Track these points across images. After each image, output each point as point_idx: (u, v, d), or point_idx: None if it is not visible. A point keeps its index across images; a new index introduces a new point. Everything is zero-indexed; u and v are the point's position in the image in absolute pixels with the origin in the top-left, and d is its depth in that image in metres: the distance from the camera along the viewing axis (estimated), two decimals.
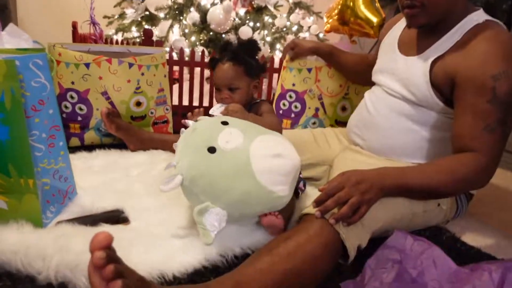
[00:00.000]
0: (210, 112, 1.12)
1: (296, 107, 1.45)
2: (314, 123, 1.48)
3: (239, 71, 1.12)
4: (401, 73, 1.03)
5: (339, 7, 2.11)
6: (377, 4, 2.09)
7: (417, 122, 1.01)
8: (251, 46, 1.15)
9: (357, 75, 1.38)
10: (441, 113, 0.98)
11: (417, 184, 0.85)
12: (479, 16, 0.94)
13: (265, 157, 0.81)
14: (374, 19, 2.03)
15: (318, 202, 0.77)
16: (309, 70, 1.41)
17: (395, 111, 1.04)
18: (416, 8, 0.92)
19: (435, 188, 0.86)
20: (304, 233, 0.75)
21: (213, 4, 2.18)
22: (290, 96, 1.44)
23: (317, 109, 1.47)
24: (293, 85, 1.43)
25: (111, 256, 0.52)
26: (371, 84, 1.20)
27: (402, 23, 1.12)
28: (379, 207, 0.83)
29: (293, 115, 1.46)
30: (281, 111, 1.46)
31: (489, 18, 0.95)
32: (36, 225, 0.82)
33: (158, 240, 0.82)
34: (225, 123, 0.87)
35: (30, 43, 1.23)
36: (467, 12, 0.95)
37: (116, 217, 0.92)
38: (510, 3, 2.10)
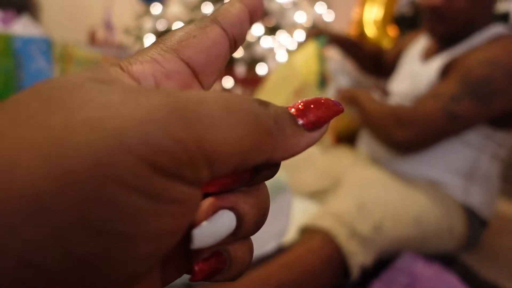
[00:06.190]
0: None
1: None
2: None
3: None
4: (415, 77, 1.00)
5: None
6: None
7: None
8: None
9: (375, 67, 1.33)
10: None
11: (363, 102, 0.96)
12: (499, 29, 0.92)
13: None
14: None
15: None
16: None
17: None
18: (435, 20, 0.94)
19: (368, 113, 0.94)
20: (304, 245, 0.69)
21: None
22: None
23: None
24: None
25: None
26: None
27: (424, 36, 1.09)
28: (387, 223, 0.76)
29: None
30: None
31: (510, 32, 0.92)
32: None
33: None
34: None
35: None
36: (487, 24, 0.93)
37: None
38: None
